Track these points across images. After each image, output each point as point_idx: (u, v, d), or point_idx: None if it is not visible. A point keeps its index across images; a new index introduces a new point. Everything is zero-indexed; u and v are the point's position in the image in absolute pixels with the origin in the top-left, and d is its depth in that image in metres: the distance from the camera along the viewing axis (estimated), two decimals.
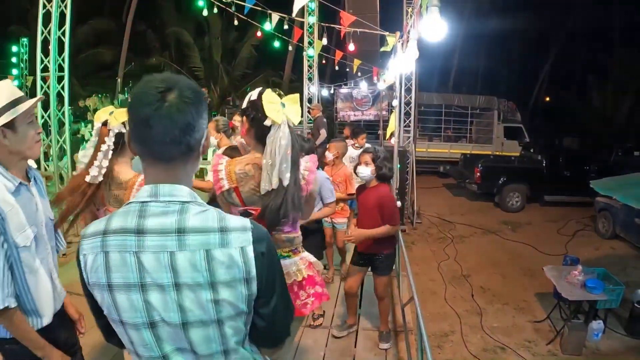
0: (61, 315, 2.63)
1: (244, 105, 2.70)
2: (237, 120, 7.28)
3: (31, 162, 2.55)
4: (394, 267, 6.95)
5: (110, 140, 3.01)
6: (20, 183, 2.34)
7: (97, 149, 3.00)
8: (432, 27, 3.83)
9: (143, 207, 1.44)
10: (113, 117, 3.04)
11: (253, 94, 2.69)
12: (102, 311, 1.51)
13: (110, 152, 3.01)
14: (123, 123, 3.02)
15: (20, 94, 2.36)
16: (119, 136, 3.04)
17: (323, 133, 12.38)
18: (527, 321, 7.96)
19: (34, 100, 2.43)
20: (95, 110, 15.41)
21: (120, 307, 1.43)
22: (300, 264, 2.93)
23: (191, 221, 1.42)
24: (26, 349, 2.36)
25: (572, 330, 6.89)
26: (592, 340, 7.14)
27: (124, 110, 3.00)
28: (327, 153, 6.37)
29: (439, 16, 3.77)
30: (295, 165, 2.60)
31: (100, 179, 2.98)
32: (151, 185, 1.46)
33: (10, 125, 2.28)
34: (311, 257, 3.04)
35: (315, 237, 5.71)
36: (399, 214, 4.93)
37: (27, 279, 2.34)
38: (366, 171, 4.78)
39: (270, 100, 2.64)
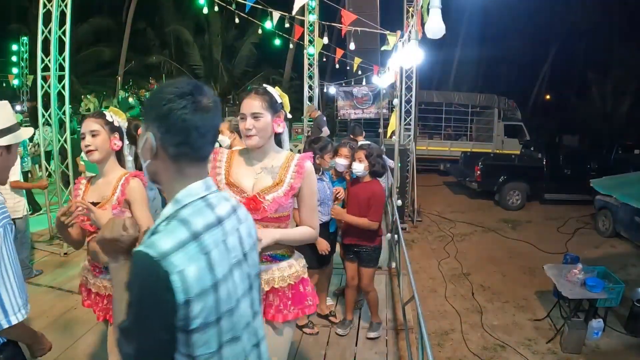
0: None
1: (278, 100, 2.78)
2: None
3: None
4: (394, 266, 6.99)
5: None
6: None
7: None
8: (433, 27, 3.85)
9: (207, 200, 1.58)
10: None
11: (274, 91, 2.81)
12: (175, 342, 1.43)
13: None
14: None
15: (15, 119, 2.42)
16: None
17: (325, 131, 12.40)
18: (527, 319, 7.98)
19: (32, 130, 2.54)
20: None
21: (221, 300, 1.49)
22: (298, 264, 2.90)
23: (231, 201, 1.72)
24: (12, 349, 2.34)
25: (572, 329, 6.91)
26: (592, 338, 7.16)
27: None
28: (338, 160, 5.83)
29: (440, 17, 3.79)
30: None
31: None
32: (202, 180, 1.59)
33: (9, 146, 2.34)
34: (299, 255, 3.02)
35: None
36: (381, 213, 5.08)
37: None
38: (360, 167, 4.94)
39: (284, 96, 2.90)
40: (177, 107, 1.46)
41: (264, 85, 2.86)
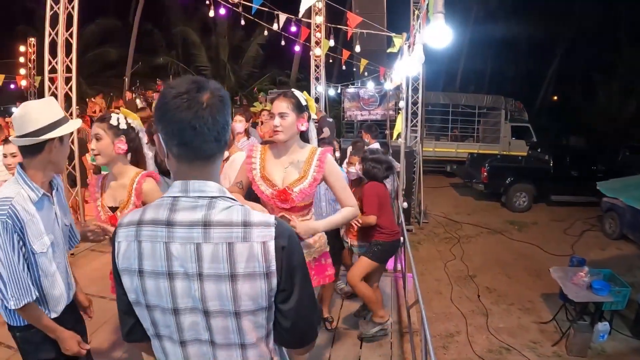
0: (69, 307, 2.84)
1: (303, 103, 3.23)
2: (239, 120, 7.19)
3: None
4: (399, 268, 6.99)
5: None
6: (43, 194, 2.57)
7: None
8: (437, 34, 3.83)
9: (175, 201, 1.56)
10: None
11: (300, 95, 3.27)
12: (129, 304, 1.64)
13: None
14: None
15: (63, 112, 2.67)
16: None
17: (326, 131, 12.42)
18: (532, 322, 7.96)
19: (80, 121, 2.87)
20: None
21: (148, 291, 1.55)
22: (320, 240, 3.46)
23: (217, 215, 1.52)
24: (36, 334, 2.62)
25: (577, 332, 6.89)
26: (597, 341, 7.14)
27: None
28: (351, 169, 5.85)
29: (444, 23, 3.76)
30: None
31: None
32: (182, 182, 1.56)
33: (61, 137, 2.59)
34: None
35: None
36: (375, 205, 5.07)
37: (41, 282, 2.58)
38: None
39: (310, 99, 3.38)
40: (172, 108, 1.47)
41: (292, 89, 3.38)
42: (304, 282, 1.64)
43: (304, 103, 3.25)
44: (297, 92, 3.27)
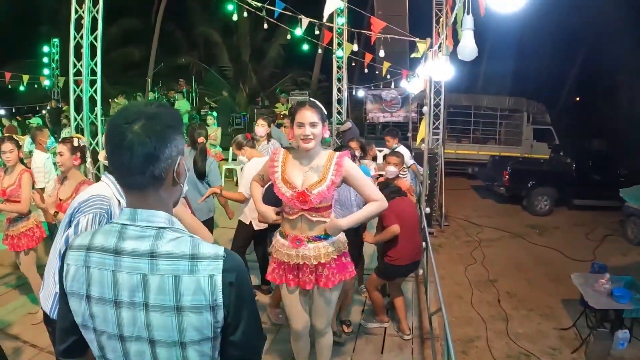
0: None
1: (325, 113, 3.50)
2: (261, 124, 7.35)
3: None
4: (421, 273, 7.06)
5: None
6: None
7: None
8: (466, 50, 3.92)
9: (123, 229, 1.56)
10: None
11: (320, 105, 3.53)
12: (74, 323, 1.63)
13: None
14: None
15: None
16: None
17: (347, 125, 12.67)
18: (552, 328, 7.97)
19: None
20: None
21: (95, 316, 1.56)
22: (339, 240, 3.64)
23: (164, 247, 1.52)
24: None
25: (597, 339, 6.89)
26: (617, 349, 7.11)
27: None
28: (390, 167, 6.08)
29: (473, 40, 3.86)
30: None
31: None
32: (131, 210, 1.57)
33: None
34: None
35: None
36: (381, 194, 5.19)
37: None
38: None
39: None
40: (107, 137, 1.53)
41: (313, 99, 3.67)
42: (252, 314, 1.65)
43: (325, 112, 3.51)
44: (318, 103, 3.54)
